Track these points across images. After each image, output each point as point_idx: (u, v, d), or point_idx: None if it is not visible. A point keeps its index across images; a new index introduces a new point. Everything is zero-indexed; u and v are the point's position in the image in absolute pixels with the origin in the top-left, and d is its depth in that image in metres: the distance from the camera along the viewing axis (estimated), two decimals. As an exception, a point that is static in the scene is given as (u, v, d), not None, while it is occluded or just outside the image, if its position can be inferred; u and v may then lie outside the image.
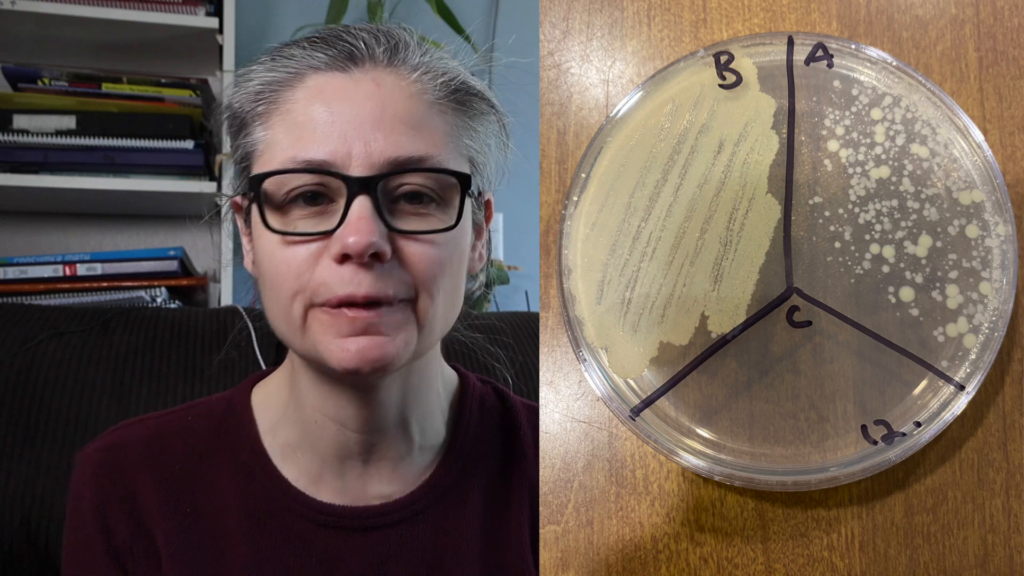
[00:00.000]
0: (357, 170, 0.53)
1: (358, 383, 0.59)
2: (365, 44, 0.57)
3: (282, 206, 0.55)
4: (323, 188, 0.55)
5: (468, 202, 0.58)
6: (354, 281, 0.53)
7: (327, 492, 0.63)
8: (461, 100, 0.59)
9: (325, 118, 0.54)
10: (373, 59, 0.57)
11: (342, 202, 0.54)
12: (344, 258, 0.53)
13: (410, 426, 0.63)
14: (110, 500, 0.61)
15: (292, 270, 0.54)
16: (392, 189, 0.55)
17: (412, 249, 0.55)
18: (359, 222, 0.52)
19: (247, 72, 0.59)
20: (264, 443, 0.64)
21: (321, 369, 0.59)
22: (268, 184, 0.55)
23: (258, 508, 0.62)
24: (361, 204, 0.53)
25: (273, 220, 0.55)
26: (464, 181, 0.57)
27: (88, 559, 0.61)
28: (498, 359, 0.83)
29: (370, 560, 0.62)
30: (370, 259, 0.53)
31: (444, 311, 0.58)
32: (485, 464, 0.67)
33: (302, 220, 0.55)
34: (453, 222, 0.56)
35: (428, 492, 0.64)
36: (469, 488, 0.65)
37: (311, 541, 0.61)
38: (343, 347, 0.54)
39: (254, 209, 0.57)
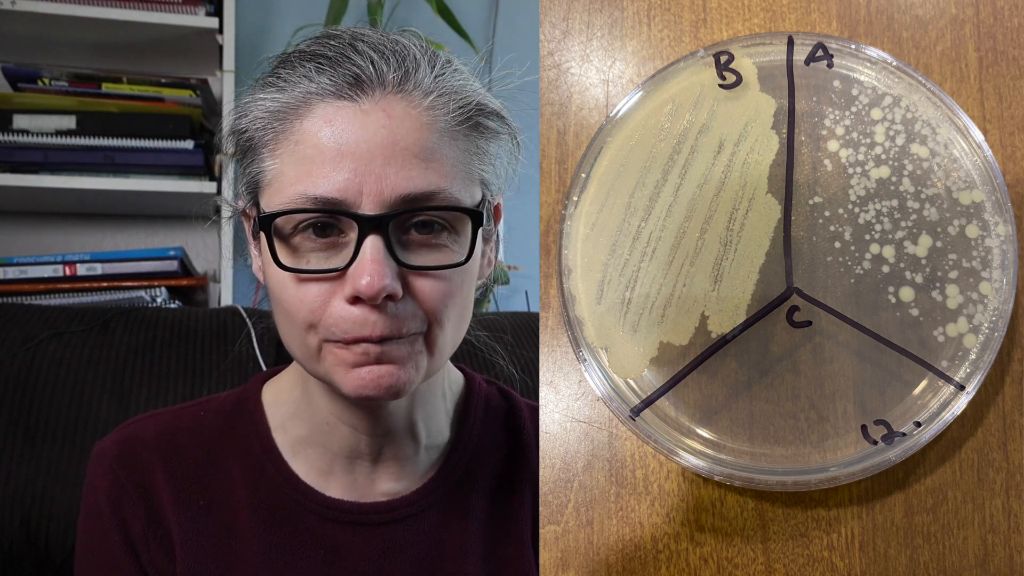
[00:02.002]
0: (368, 207, 0.52)
1: (369, 404, 0.60)
2: (374, 67, 0.54)
3: (292, 235, 0.55)
4: (333, 219, 0.54)
5: (479, 232, 0.58)
6: (368, 322, 0.53)
7: (336, 488, 0.64)
8: (475, 124, 0.58)
9: (334, 152, 0.53)
10: (383, 85, 0.54)
11: (353, 236, 0.53)
12: (356, 299, 0.53)
13: (417, 427, 0.65)
14: (126, 491, 0.62)
15: (305, 306, 0.54)
16: (403, 222, 0.54)
17: (423, 285, 0.55)
18: (372, 265, 0.52)
19: (253, 98, 0.57)
20: (275, 438, 0.65)
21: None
22: (278, 220, 0.55)
23: (268, 502, 0.63)
24: (373, 245, 0.52)
25: (284, 254, 0.55)
26: (476, 218, 0.56)
27: (104, 550, 0.62)
28: (502, 357, 0.84)
29: (376, 555, 0.63)
30: (383, 300, 0.53)
31: (454, 335, 0.59)
32: (489, 462, 0.68)
33: (313, 254, 0.54)
34: (464, 256, 0.56)
35: (434, 489, 0.65)
36: (473, 486, 0.67)
37: (319, 535, 0.63)
38: (357, 377, 0.54)
39: (262, 237, 0.56)
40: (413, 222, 0.54)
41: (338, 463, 0.64)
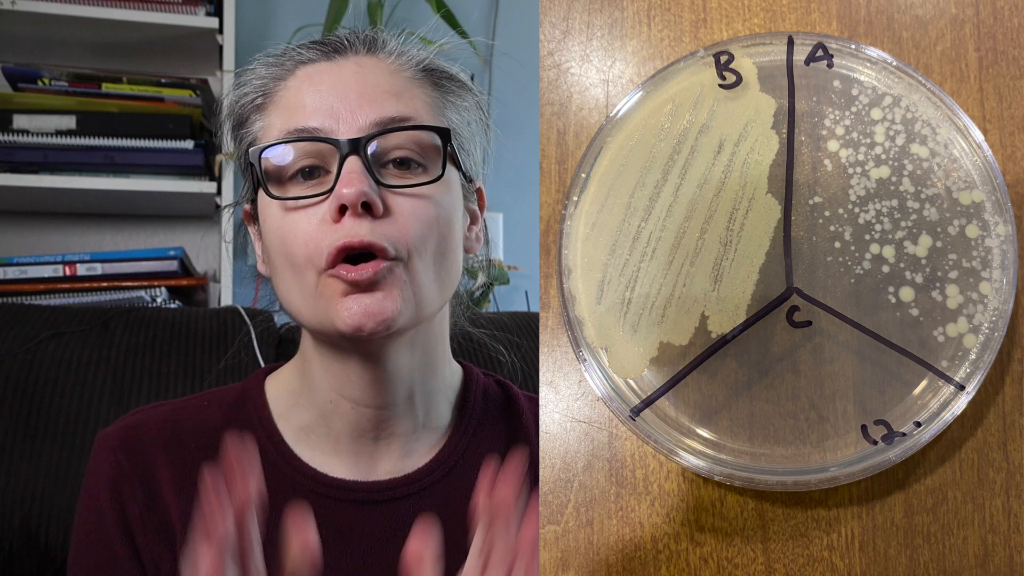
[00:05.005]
0: (345, 135, 0.59)
1: (365, 348, 0.62)
2: (347, 40, 0.64)
3: (283, 183, 0.60)
4: (318, 160, 0.59)
5: (456, 176, 0.63)
6: (351, 232, 0.57)
7: (339, 469, 0.65)
8: (437, 81, 0.65)
9: (314, 96, 0.60)
10: (355, 49, 0.63)
11: (336, 168, 0.58)
12: (340, 212, 0.57)
13: (415, 403, 0.66)
14: (125, 475, 0.64)
15: (299, 237, 0.59)
16: (380, 154, 0.60)
17: (402, 205, 0.59)
18: (350, 175, 0.57)
19: (244, 71, 0.65)
20: (278, 426, 0.67)
21: (331, 343, 0.63)
22: (268, 164, 0.60)
23: (270, 484, 0.64)
24: (352, 162, 0.58)
25: (275, 192, 0.60)
26: (444, 135, 0.61)
27: (100, 533, 0.63)
28: (503, 355, 0.86)
29: (380, 532, 0.64)
30: (364, 211, 0.57)
31: (439, 272, 0.62)
32: (489, 445, 0.69)
33: (302, 193, 0.60)
34: (438, 175, 0.61)
35: (435, 468, 0.67)
36: (474, 466, 0.68)
37: (323, 515, 0.63)
38: (347, 307, 0.58)
39: (260, 196, 0.62)
40: (389, 158, 0.60)
41: (341, 445, 0.65)
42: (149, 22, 1.59)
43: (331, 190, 0.58)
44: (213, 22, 1.62)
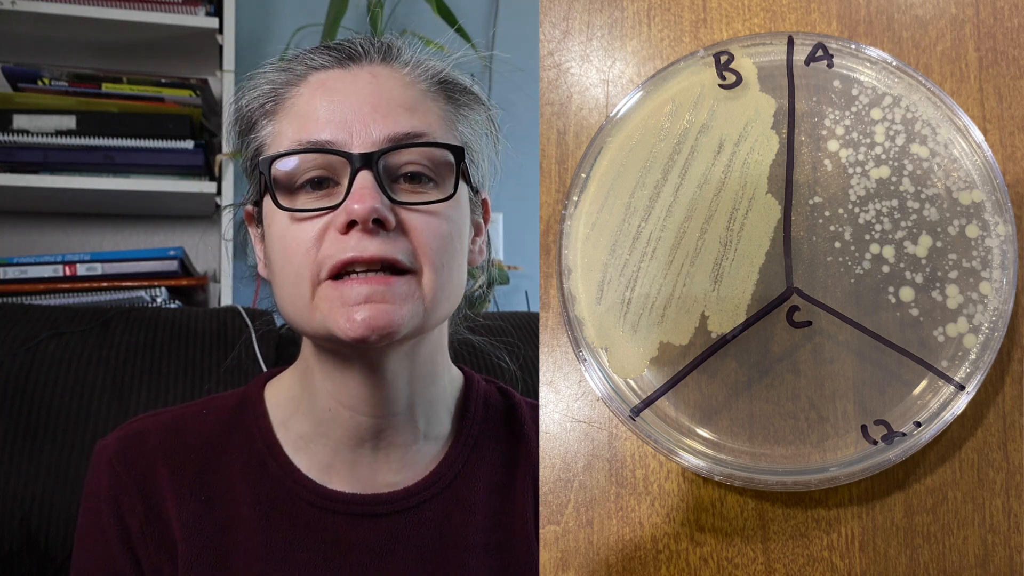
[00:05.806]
0: (358, 148, 0.58)
1: (367, 357, 0.61)
2: (362, 47, 0.62)
3: (291, 192, 0.59)
4: (328, 172, 0.58)
5: (465, 190, 0.61)
6: (359, 246, 0.56)
7: (338, 481, 0.65)
8: (450, 93, 0.64)
9: (327, 107, 0.59)
10: (369, 58, 0.62)
11: (347, 181, 0.57)
12: (349, 226, 0.56)
13: (416, 413, 0.65)
14: (125, 487, 0.63)
15: (301, 246, 0.58)
16: (392, 169, 0.59)
17: (414, 221, 0.58)
18: (362, 191, 0.56)
19: (255, 75, 0.64)
20: (277, 435, 0.66)
21: (332, 350, 0.61)
22: (277, 171, 0.59)
23: (268, 496, 0.64)
24: (363, 177, 0.57)
25: (283, 202, 0.59)
26: (457, 153, 0.60)
27: (100, 546, 0.63)
28: (505, 360, 0.86)
29: (379, 546, 0.63)
30: (374, 226, 0.56)
31: (448, 288, 0.61)
32: (490, 456, 0.69)
33: (310, 204, 0.59)
34: (450, 193, 0.60)
35: (435, 481, 0.66)
36: (475, 478, 0.67)
37: (319, 527, 0.63)
38: (349, 317, 0.56)
39: (265, 202, 0.61)
40: (401, 173, 0.59)
41: (340, 456, 0.65)
42: (149, 22, 1.60)
43: (341, 203, 0.57)
44: (213, 22, 1.62)
